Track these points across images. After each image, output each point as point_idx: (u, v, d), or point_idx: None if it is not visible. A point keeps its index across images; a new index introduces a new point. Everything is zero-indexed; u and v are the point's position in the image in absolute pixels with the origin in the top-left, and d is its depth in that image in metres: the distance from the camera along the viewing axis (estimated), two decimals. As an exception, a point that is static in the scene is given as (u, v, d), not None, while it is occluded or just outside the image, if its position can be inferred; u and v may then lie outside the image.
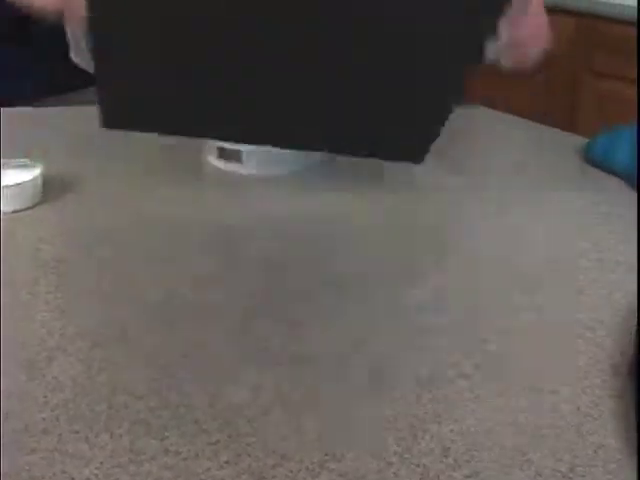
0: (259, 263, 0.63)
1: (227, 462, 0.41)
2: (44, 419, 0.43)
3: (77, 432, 0.43)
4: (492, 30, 0.37)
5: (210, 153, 0.82)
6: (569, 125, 2.11)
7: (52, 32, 0.73)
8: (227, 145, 0.78)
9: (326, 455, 0.42)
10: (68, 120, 0.95)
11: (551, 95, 2.20)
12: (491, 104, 1.06)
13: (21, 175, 0.72)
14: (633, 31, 1.93)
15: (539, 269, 0.64)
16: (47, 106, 1.00)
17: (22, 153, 0.76)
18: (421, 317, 0.55)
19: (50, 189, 0.74)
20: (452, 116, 1.07)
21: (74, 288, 0.58)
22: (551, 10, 0.82)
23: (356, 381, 0.48)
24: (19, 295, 0.57)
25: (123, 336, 0.52)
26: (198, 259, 0.63)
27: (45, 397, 0.45)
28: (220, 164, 0.81)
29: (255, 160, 0.79)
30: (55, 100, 1.05)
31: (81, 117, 0.90)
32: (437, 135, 0.46)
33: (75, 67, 0.74)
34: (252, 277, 0.61)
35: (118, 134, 0.50)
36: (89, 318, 0.54)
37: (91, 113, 0.48)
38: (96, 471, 0.40)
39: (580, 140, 0.91)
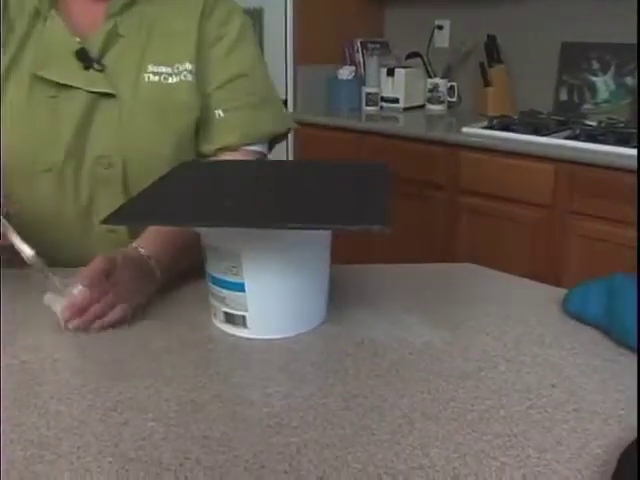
0: (264, 425, 0.68)
1: None
2: None
3: None
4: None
5: (217, 317, 0.89)
6: (554, 273, 2.22)
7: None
8: (233, 310, 0.86)
9: None
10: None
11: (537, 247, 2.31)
12: (477, 261, 1.15)
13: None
14: (609, 174, 2.07)
15: (518, 421, 0.69)
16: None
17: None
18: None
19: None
20: (440, 272, 1.18)
21: (93, 449, 0.64)
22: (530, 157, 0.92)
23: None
24: None
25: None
26: (206, 421, 0.69)
27: None
28: (226, 328, 0.88)
29: (259, 324, 0.86)
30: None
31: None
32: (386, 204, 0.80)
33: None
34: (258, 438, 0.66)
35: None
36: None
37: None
38: None
39: (561, 292, 0.98)
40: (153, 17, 1.13)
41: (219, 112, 1.15)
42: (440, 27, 3.05)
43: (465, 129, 2.48)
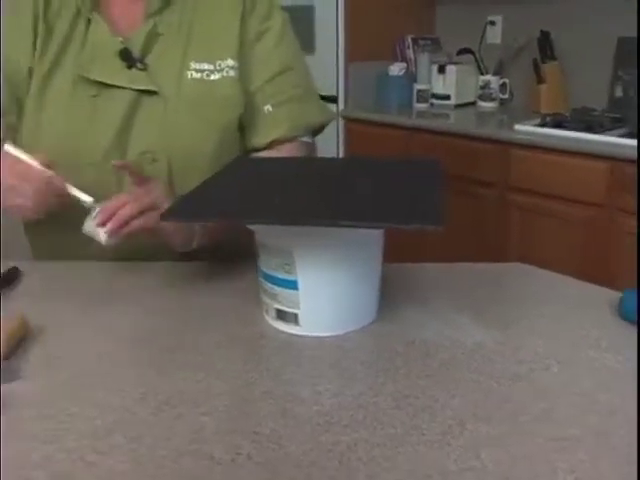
0: (314, 423, 0.68)
1: None
2: None
3: None
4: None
5: (268, 314, 0.89)
6: (606, 275, 2.17)
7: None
8: (285, 307, 0.86)
9: None
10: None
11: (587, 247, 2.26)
12: (528, 260, 1.13)
13: None
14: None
15: (572, 425, 0.68)
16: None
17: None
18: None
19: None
20: (491, 271, 1.15)
21: (146, 442, 0.65)
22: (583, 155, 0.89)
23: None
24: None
25: None
26: (257, 417, 0.69)
27: None
28: (278, 324, 0.88)
29: (311, 322, 0.86)
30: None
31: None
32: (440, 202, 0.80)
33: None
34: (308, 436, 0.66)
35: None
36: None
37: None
38: None
39: (613, 294, 0.96)
40: (192, 15, 1.14)
41: (268, 107, 1.16)
42: (492, 23, 3.01)
43: (517, 126, 2.44)
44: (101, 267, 1.08)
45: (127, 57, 1.10)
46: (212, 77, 1.12)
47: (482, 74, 2.94)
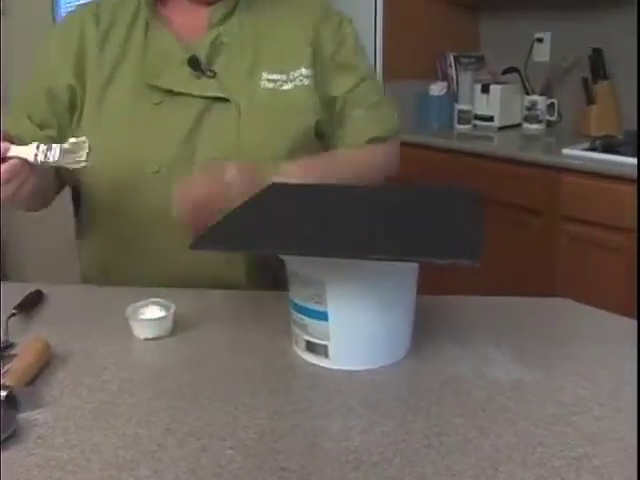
0: (343, 460, 0.71)
1: None
2: None
3: None
4: None
5: (298, 346, 0.93)
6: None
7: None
8: (315, 339, 0.89)
9: None
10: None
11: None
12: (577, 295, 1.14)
13: (159, 311, 0.99)
14: None
15: (611, 473, 0.69)
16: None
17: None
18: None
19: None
20: (532, 306, 1.17)
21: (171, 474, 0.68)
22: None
23: None
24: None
25: None
26: (285, 452, 0.72)
27: None
28: (307, 356, 0.92)
29: (341, 355, 0.89)
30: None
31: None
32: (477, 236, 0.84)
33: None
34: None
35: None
36: None
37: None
38: None
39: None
40: (256, 26, 1.22)
41: (357, 111, 1.25)
42: (540, 40, 3.02)
43: (565, 150, 2.45)
44: (129, 292, 1.12)
45: (196, 65, 1.17)
46: (285, 87, 1.19)
47: (528, 94, 2.96)
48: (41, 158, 0.96)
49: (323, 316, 0.87)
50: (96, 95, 1.17)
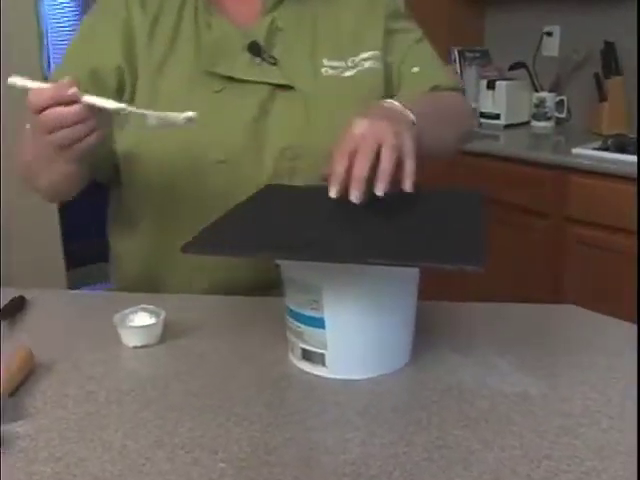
0: (340, 473, 0.72)
1: None
2: None
3: None
4: None
5: (293, 354, 0.93)
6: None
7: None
8: (311, 347, 0.90)
9: None
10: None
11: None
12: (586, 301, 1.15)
13: (148, 318, 0.99)
14: None
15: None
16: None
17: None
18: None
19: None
20: (539, 313, 1.17)
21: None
22: None
23: None
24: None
25: None
26: (279, 465, 0.73)
27: None
28: (303, 365, 0.92)
29: (339, 363, 0.90)
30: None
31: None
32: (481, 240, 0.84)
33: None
34: None
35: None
36: None
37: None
38: None
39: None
40: (313, 10, 1.24)
41: (415, 68, 1.27)
42: (549, 33, 3.04)
43: (575, 150, 2.46)
44: (117, 298, 1.13)
45: (257, 51, 1.19)
46: (347, 74, 1.22)
47: (536, 91, 2.97)
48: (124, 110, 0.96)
49: (320, 323, 0.88)
50: (147, 85, 1.17)
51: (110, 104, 0.95)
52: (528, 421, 0.81)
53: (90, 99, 0.94)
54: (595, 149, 2.45)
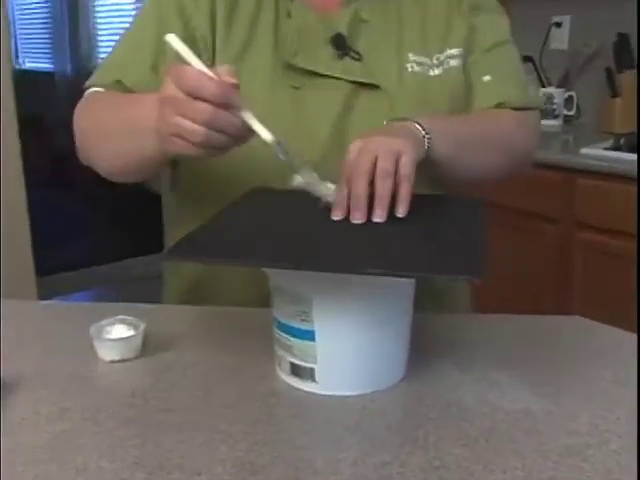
0: (331, 494, 0.73)
1: None
2: None
3: None
4: None
5: (281, 368, 0.94)
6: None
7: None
8: (300, 361, 0.90)
9: None
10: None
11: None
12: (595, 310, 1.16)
13: (127, 330, 0.99)
14: None
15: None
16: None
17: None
18: None
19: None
20: (543, 325, 1.18)
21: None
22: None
23: None
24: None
25: None
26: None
27: None
28: (292, 381, 0.93)
29: (329, 379, 0.91)
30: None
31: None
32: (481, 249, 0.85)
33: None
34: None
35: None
36: None
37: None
38: None
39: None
40: (398, 1, 1.22)
41: (487, 77, 1.25)
42: (558, 24, 3.04)
43: (584, 150, 2.46)
44: (92, 308, 1.13)
45: (341, 44, 1.17)
46: (432, 72, 1.21)
47: (544, 86, 2.98)
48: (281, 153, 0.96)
49: (310, 336, 0.89)
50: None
51: (265, 134, 0.93)
52: (531, 440, 0.82)
53: (250, 119, 0.91)
54: (606, 149, 2.46)
